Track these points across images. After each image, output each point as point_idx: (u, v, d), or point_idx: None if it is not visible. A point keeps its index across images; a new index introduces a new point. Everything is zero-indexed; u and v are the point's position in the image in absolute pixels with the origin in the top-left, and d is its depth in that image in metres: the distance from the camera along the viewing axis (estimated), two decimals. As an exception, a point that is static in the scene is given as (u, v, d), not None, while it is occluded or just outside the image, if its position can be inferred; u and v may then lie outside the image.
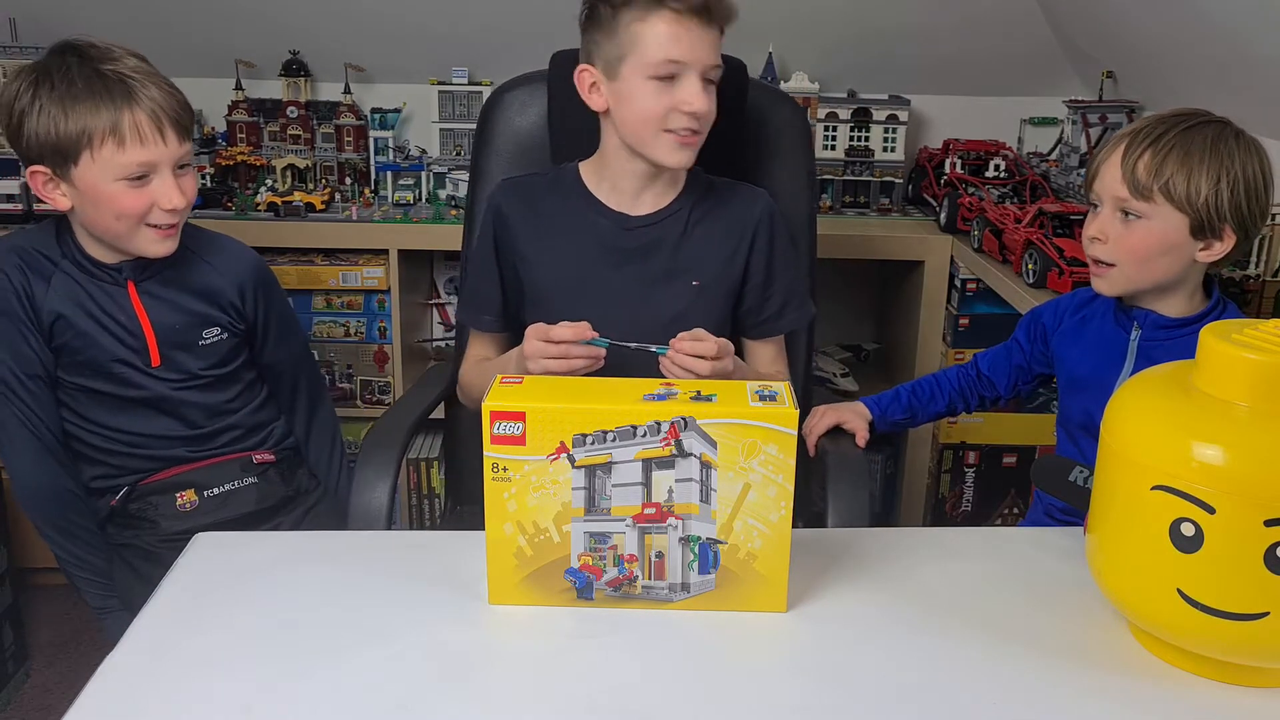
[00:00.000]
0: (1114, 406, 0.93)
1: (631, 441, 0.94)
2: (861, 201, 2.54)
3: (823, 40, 2.52)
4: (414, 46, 2.53)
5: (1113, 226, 1.31)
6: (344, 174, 2.55)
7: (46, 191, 1.37)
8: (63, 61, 1.35)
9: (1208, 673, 0.91)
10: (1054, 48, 2.55)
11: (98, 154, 1.33)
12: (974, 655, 0.94)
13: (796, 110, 1.74)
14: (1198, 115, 1.30)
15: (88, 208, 1.37)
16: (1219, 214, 1.26)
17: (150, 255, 1.42)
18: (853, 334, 2.77)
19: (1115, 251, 1.32)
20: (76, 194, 1.37)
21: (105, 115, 1.32)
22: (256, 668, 0.91)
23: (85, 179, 1.34)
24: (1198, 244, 1.28)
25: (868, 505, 1.36)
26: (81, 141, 1.32)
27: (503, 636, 0.97)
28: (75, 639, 2.27)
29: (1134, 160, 1.28)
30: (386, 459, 1.42)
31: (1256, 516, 0.82)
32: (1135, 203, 1.29)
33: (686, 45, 1.32)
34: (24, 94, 1.34)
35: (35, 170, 1.36)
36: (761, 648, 0.96)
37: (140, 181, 1.36)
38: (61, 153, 1.33)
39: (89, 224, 1.40)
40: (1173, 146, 1.27)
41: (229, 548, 1.12)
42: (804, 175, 1.71)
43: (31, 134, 1.33)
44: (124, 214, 1.36)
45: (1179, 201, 1.27)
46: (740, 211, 1.48)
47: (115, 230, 1.39)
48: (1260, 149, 1.29)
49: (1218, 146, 1.26)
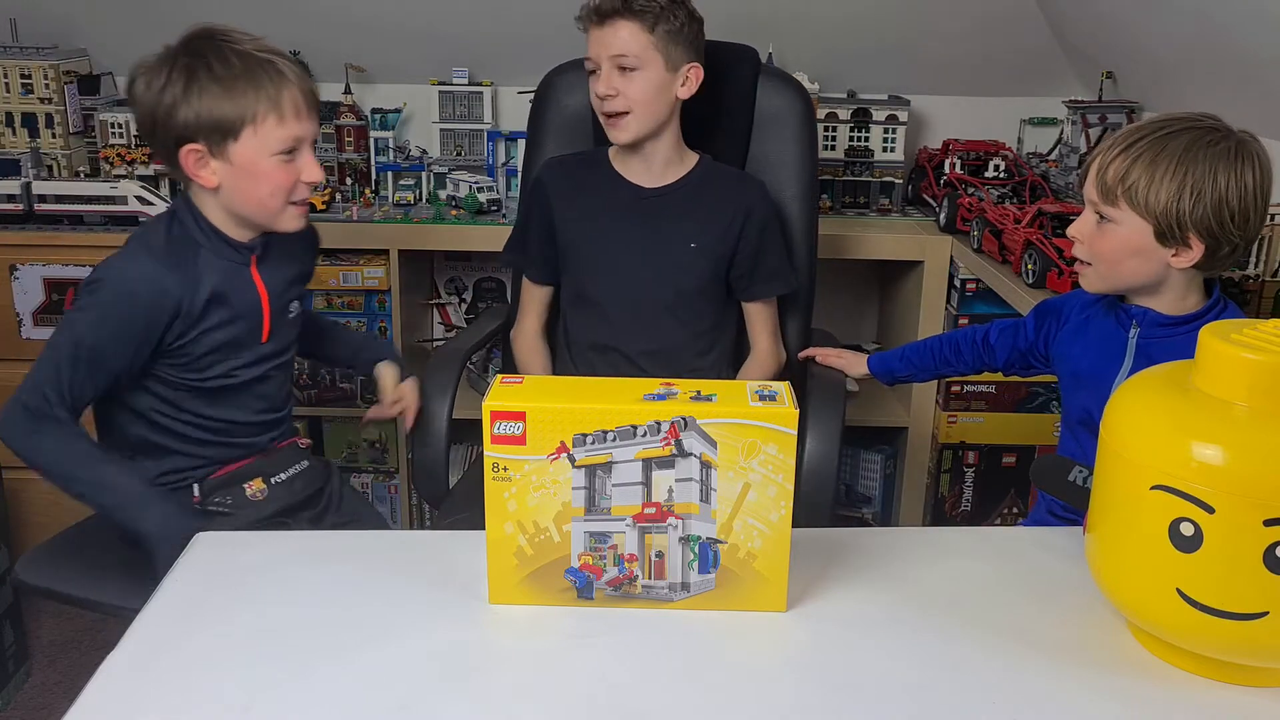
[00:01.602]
0: (1113, 406, 0.93)
1: (631, 441, 0.94)
2: (861, 202, 2.54)
3: (823, 40, 2.52)
4: (414, 46, 2.53)
5: (1087, 227, 1.33)
6: (344, 174, 2.55)
7: (196, 169, 1.40)
8: (212, 46, 1.39)
9: (1208, 673, 0.91)
10: (1054, 48, 2.55)
11: (260, 129, 1.38)
12: (974, 655, 0.94)
13: (800, 93, 1.92)
14: (1187, 121, 1.30)
15: (240, 183, 1.40)
16: (1179, 223, 1.26)
17: (287, 230, 1.47)
18: (853, 334, 2.77)
19: (1088, 252, 1.34)
20: (229, 170, 1.40)
21: (266, 93, 1.38)
22: (256, 668, 0.91)
23: (244, 154, 1.39)
24: (1167, 250, 1.29)
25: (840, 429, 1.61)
26: (245, 118, 1.37)
27: (503, 636, 0.97)
28: (75, 639, 2.27)
29: (1107, 164, 1.30)
30: (447, 379, 1.69)
31: (1256, 516, 0.82)
32: (1104, 206, 1.31)
33: (591, 45, 1.66)
34: (175, 82, 1.37)
35: (190, 149, 1.38)
36: (761, 647, 0.96)
37: (290, 156, 1.41)
38: (222, 130, 1.37)
39: (238, 200, 1.42)
40: (1142, 153, 1.28)
41: (229, 548, 1.12)
42: (809, 156, 1.91)
43: (190, 116, 1.37)
44: (277, 188, 1.41)
45: (1139, 207, 1.27)
46: (738, 192, 1.77)
47: (266, 206, 1.43)
48: (1253, 161, 1.27)
49: (1189, 154, 1.26)
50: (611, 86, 1.64)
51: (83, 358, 1.38)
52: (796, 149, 1.89)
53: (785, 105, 1.89)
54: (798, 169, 1.89)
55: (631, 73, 1.63)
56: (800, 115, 1.90)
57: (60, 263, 2.27)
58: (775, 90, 1.90)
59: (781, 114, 1.89)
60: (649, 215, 1.76)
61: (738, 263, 1.77)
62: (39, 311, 2.29)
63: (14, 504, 2.33)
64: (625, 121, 1.67)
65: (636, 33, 1.62)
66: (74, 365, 1.37)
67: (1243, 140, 1.28)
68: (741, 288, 1.80)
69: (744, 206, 1.75)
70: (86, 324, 1.39)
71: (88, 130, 2.56)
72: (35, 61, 2.48)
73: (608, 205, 1.77)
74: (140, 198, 2.26)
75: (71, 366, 1.37)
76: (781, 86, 1.91)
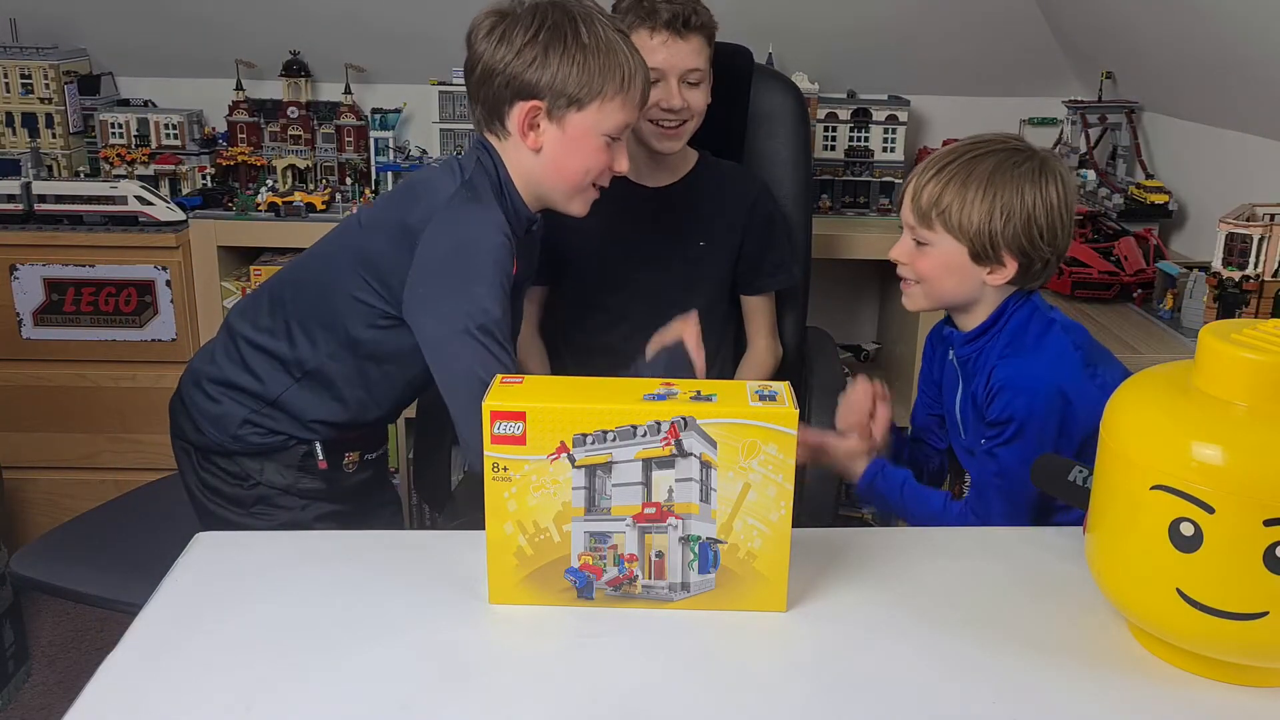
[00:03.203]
0: (1113, 406, 0.93)
1: (631, 441, 0.94)
2: (861, 202, 2.55)
3: (823, 40, 2.52)
4: (414, 47, 2.53)
5: (906, 250, 1.39)
6: (344, 174, 2.55)
7: (525, 128, 1.38)
8: (582, 12, 1.38)
9: (1208, 673, 0.91)
10: (1054, 48, 2.55)
11: (605, 106, 1.38)
12: (974, 655, 0.94)
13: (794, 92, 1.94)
14: (992, 144, 1.35)
15: (562, 152, 1.39)
16: (993, 242, 1.31)
17: (573, 213, 1.46)
18: (853, 334, 2.77)
19: (911, 273, 1.39)
20: (558, 137, 1.38)
21: (624, 73, 1.38)
22: (256, 668, 0.91)
23: (580, 125, 1.38)
24: (983, 269, 1.34)
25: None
26: (602, 90, 1.37)
27: (503, 636, 0.97)
28: (75, 639, 2.27)
29: (921, 188, 1.34)
30: None
31: (1256, 516, 0.82)
32: (920, 230, 1.36)
33: (663, 56, 1.62)
34: (540, 40, 1.35)
35: (533, 105, 1.37)
36: (761, 647, 0.96)
37: (614, 143, 1.41)
38: (570, 97, 1.36)
39: (552, 169, 1.41)
40: (953, 176, 1.32)
41: (229, 548, 1.11)
42: (803, 152, 1.94)
43: (546, 76, 1.35)
44: (593, 167, 1.41)
45: (954, 230, 1.32)
46: (742, 187, 1.79)
47: (575, 182, 1.42)
48: (1056, 178, 1.32)
49: (997, 176, 1.31)
50: (683, 99, 1.64)
51: (494, 330, 1.32)
52: (791, 148, 1.90)
53: (780, 104, 1.91)
54: (792, 168, 1.90)
55: (696, 86, 1.66)
56: (794, 114, 1.91)
57: (60, 263, 2.27)
58: (769, 89, 1.91)
59: (776, 113, 1.91)
60: (655, 215, 1.76)
61: (744, 256, 1.78)
62: (39, 311, 2.30)
63: (13, 503, 2.34)
64: (684, 130, 1.68)
65: (703, 47, 1.65)
66: (496, 344, 1.32)
67: (1045, 159, 1.33)
68: (746, 281, 1.81)
69: (748, 200, 1.77)
70: (484, 293, 1.33)
71: (88, 130, 2.56)
72: (35, 61, 2.48)
73: (611, 207, 1.76)
74: (140, 198, 2.27)
75: (497, 346, 1.31)
76: (776, 86, 1.92)
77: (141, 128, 2.50)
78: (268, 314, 1.46)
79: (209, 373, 1.47)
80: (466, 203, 1.37)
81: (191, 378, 1.50)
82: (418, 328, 1.36)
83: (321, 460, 1.47)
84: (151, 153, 2.49)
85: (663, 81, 1.64)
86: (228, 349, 1.47)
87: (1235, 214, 1.80)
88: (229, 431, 1.45)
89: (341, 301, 1.41)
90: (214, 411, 1.46)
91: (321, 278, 1.45)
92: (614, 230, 1.73)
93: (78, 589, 1.54)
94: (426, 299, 1.35)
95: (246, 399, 1.45)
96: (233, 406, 1.45)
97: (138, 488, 1.81)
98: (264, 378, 1.44)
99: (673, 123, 1.66)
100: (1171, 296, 1.96)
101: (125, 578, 1.47)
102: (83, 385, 2.34)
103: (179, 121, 2.51)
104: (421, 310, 1.35)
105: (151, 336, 2.33)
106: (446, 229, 1.35)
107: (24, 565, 1.55)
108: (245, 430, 1.45)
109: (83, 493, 2.28)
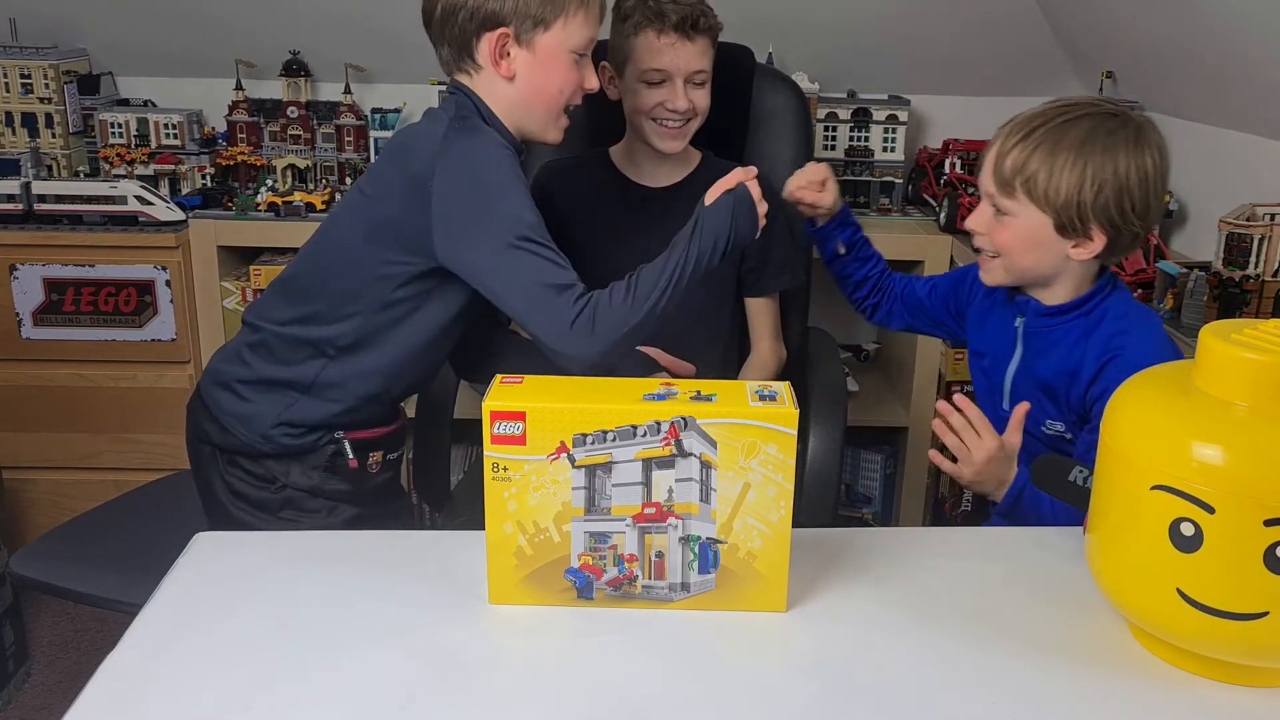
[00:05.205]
0: (1114, 406, 0.93)
1: (631, 441, 0.94)
2: (861, 202, 2.54)
3: (823, 40, 2.52)
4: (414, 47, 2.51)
5: (985, 220, 1.30)
6: (344, 174, 2.55)
7: (496, 56, 1.40)
8: None
9: (1208, 672, 0.91)
10: (1054, 48, 2.55)
11: (569, 22, 1.40)
12: (974, 655, 0.94)
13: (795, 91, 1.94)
14: (1084, 106, 1.25)
15: (536, 75, 1.41)
16: (1081, 215, 1.22)
17: (549, 142, 1.49)
18: (853, 334, 2.77)
19: (989, 244, 1.31)
20: (529, 61, 1.40)
21: None
22: (257, 667, 0.91)
23: (549, 44, 1.40)
24: (1067, 242, 1.25)
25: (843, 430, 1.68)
26: (564, 6, 1.39)
27: (503, 636, 0.97)
28: (75, 639, 2.27)
29: (1004, 154, 1.25)
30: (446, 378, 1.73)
31: (1256, 516, 0.82)
32: (1001, 198, 1.26)
33: (670, 57, 1.63)
34: None
35: (500, 33, 1.39)
36: (761, 647, 0.96)
37: (581, 60, 1.44)
38: (535, 18, 1.39)
39: (528, 94, 1.42)
40: (1041, 142, 1.23)
41: (229, 548, 1.12)
42: (804, 152, 1.93)
43: (509, 1, 1.38)
44: (566, 85, 1.43)
45: (1038, 199, 1.23)
46: None
47: (551, 104, 1.44)
48: (1153, 147, 1.23)
49: (1090, 143, 1.21)
50: (689, 100, 1.65)
51: (534, 235, 1.33)
52: (792, 147, 1.90)
53: (780, 104, 1.91)
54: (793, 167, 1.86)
55: (701, 87, 1.67)
56: (795, 114, 1.91)
57: (60, 263, 2.27)
58: (770, 89, 1.91)
59: (777, 112, 1.91)
60: (659, 215, 1.74)
61: (749, 256, 1.78)
62: (39, 311, 2.30)
63: (13, 503, 2.34)
64: (687, 130, 1.68)
65: (709, 49, 1.66)
66: (541, 245, 1.33)
67: (1141, 125, 1.24)
68: (751, 282, 1.80)
69: None
70: (512, 204, 1.34)
71: (87, 130, 2.56)
72: (35, 61, 2.48)
73: (615, 207, 1.77)
74: (140, 197, 2.27)
75: (542, 247, 1.33)
76: (777, 85, 1.92)
77: (141, 127, 2.50)
78: (291, 305, 1.46)
79: (238, 374, 1.47)
80: (461, 133, 1.39)
81: (215, 378, 1.49)
82: (461, 264, 1.36)
83: (352, 459, 1.47)
84: (151, 152, 2.49)
85: (669, 82, 1.65)
86: (254, 346, 1.47)
87: (1235, 214, 1.80)
88: (260, 431, 1.45)
89: (368, 274, 1.41)
90: (244, 411, 1.46)
91: (343, 259, 1.44)
92: (618, 230, 1.73)
93: (78, 589, 1.54)
94: (459, 234, 1.35)
95: (282, 393, 1.45)
96: (266, 405, 1.45)
97: (138, 488, 1.81)
98: (298, 364, 1.45)
99: (677, 123, 1.67)
100: (1172, 296, 1.96)
101: (125, 578, 1.47)
102: (83, 385, 2.34)
103: (179, 121, 2.51)
104: (458, 246, 1.35)
105: (151, 336, 2.33)
106: (454, 163, 1.36)
107: (24, 565, 1.55)
108: (278, 431, 1.45)
109: (83, 493, 2.28)
